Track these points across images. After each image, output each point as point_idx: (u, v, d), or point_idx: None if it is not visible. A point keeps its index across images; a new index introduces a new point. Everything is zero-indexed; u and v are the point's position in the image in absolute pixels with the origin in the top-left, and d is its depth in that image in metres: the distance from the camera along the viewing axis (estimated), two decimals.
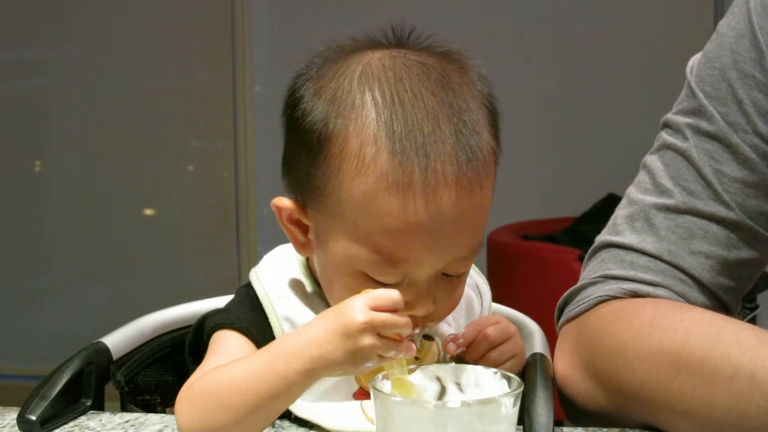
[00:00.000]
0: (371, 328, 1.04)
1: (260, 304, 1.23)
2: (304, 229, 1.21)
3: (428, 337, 1.26)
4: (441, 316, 1.21)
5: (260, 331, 1.20)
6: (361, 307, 1.04)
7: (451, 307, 1.22)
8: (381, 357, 1.04)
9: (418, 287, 1.15)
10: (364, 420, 1.17)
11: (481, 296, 1.35)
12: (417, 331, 1.16)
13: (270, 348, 1.09)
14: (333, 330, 1.04)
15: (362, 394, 1.20)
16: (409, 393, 1.06)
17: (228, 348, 1.18)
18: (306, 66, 1.20)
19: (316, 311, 1.21)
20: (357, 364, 1.05)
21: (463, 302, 1.31)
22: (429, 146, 1.10)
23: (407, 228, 1.10)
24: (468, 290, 1.31)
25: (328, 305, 1.21)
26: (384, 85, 1.14)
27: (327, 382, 1.20)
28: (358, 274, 1.14)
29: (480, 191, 1.14)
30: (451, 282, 1.18)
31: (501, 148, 1.19)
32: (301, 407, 1.18)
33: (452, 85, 1.16)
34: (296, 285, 1.25)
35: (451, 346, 1.22)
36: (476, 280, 1.35)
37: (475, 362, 1.21)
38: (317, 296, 1.24)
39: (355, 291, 1.12)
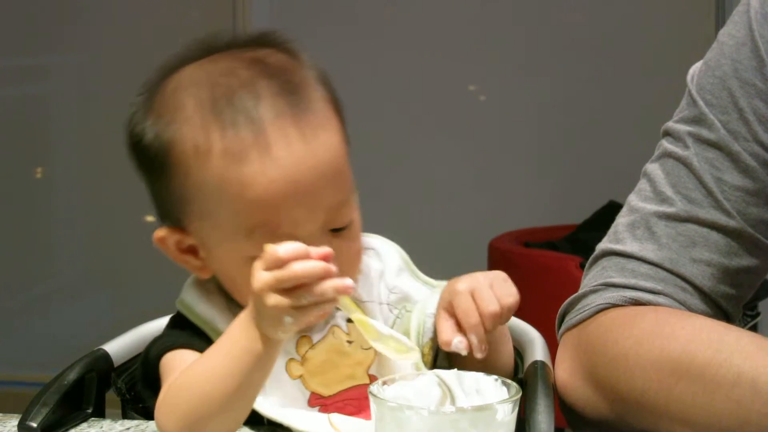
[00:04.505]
0: (267, 289, 1.05)
1: (193, 325, 1.24)
2: (195, 252, 1.23)
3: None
4: (348, 274, 1.18)
5: (202, 343, 1.20)
6: (257, 273, 1.07)
7: (353, 262, 1.23)
8: (300, 309, 1.06)
9: None
10: (331, 430, 1.18)
11: (381, 259, 1.32)
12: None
13: (229, 330, 1.12)
14: (252, 300, 1.08)
15: (316, 399, 1.22)
16: (370, 332, 1.11)
17: (182, 364, 1.18)
18: (134, 99, 1.25)
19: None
20: (278, 323, 1.07)
21: (375, 274, 1.31)
22: (252, 110, 1.16)
23: (265, 190, 1.14)
24: (365, 259, 1.30)
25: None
26: (197, 81, 1.20)
27: (278, 392, 1.21)
28: (252, 261, 1.14)
29: (322, 135, 1.18)
30: (342, 236, 1.20)
31: (339, 100, 1.24)
32: (273, 412, 1.19)
33: (267, 59, 1.21)
34: (218, 303, 1.26)
35: (479, 355, 1.20)
36: (374, 245, 1.34)
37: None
38: (238, 307, 1.23)
39: None
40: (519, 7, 4.07)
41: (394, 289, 1.31)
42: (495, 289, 1.21)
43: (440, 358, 1.30)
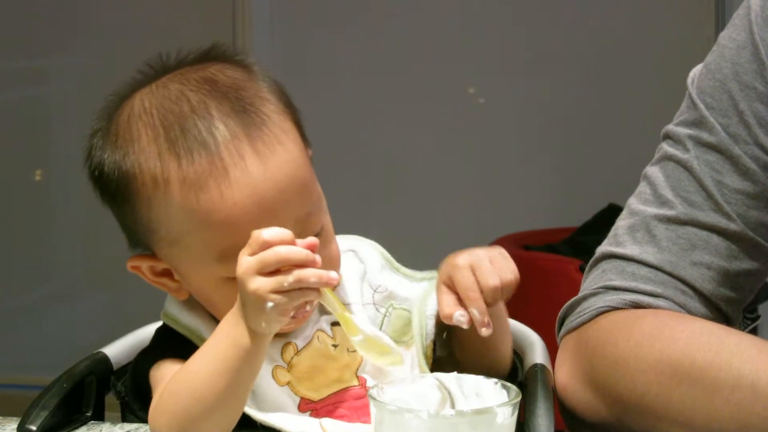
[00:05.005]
0: (252, 272, 1.06)
1: (179, 335, 1.25)
2: (170, 275, 1.24)
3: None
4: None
5: (190, 352, 1.19)
6: (241, 258, 1.07)
7: (333, 265, 1.21)
8: (282, 293, 1.06)
9: None
10: None
11: (362, 260, 1.33)
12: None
13: (216, 330, 1.12)
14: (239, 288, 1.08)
15: (306, 404, 1.22)
16: (352, 329, 1.11)
17: (172, 374, 1.18)
18: (91, 130, 1.26)
19: None
20: (260, 309, 1.07)
21: (355, 276, 1.31)
22: (206, 135, 1.16)
23: (228, 214, 1.15)
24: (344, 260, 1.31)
25: None
26: (148, 109, 1.20)
27: (268, 399, 1.21)
28: (226, 282, 1.17)
29: (279, 149, 1.18)
30: None
31: (295, 109, 1.24)
32: (265, 416, 1.19)
33: (216, 76, 1.21)
34: (201, 314, 1.25)
35: (485, 331, 1.20)
36: (353, 246, 1.34)
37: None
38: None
39: (234, 299, 1.14)
40: (519, 9, 4.07)
41: (378, 288, 1.30)
42: (495, 264, 1.21)
43: (439, 346, 1.30)
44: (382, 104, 4.09)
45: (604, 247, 1.33)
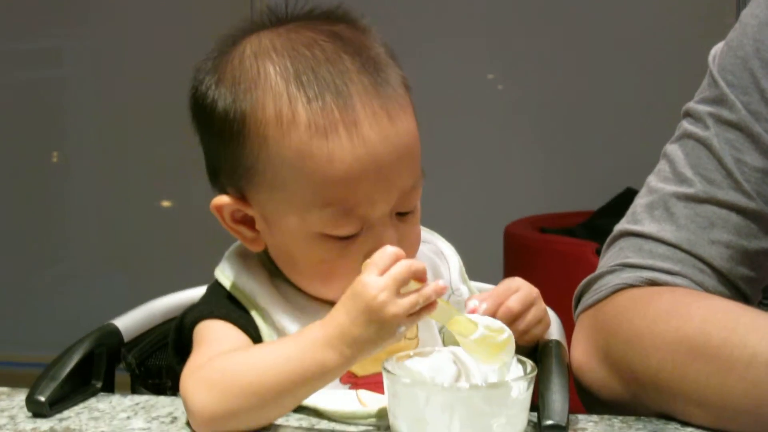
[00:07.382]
0: (390, 294, 1.03)
1: (231, 296, 1.22)
2: (250, 224, 1.21)
3: None
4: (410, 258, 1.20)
5: (240, 316, 1.19)
6: (370, 280, 1.04)
7: (415, 247, 1.22)
8: (411, 316, 1.04)
9: (377, 232, 1.15)
10: (358, 404, 1.16)
11: (447, 261, 1.33)
12: None
13: (300, 337, 1.09)
14: (356, 313, 1.04)
15: (348, 377, 1.19)
16: (468, 328, 1.06)
17: (216, 334, 1.17)
18: (200, 64, 1.22)
19: (284, 295, 1.21)
20: (391, 335, 1.05)
21: (429, 269, 1.30)
22: (340, 84, 1.13)
23: (349, 168, 1.12)
24: (432, 256, 1.30)
25: (292, 286, 1.22)
26: (279, 49, 1.17)
27: None
28: (318, 238, 1.15)
29: (403, 117, 1.16)
30: (406, 220, 1.19)
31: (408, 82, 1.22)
32: None
33: (344, 34, 1.19)
34: (259, 276, 1.23)
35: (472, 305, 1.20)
36: (440, 247, 1.34)
37: None
38: (281, 281, 1.22)
39: (321, 257, 1.15)
40: None
41: (456, 291, 1.30)
42: (533, 312, 1.22)
43: None
44: None
45: (621, 225, 1.32)
